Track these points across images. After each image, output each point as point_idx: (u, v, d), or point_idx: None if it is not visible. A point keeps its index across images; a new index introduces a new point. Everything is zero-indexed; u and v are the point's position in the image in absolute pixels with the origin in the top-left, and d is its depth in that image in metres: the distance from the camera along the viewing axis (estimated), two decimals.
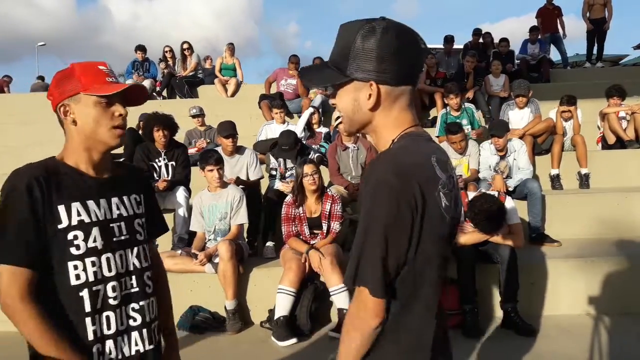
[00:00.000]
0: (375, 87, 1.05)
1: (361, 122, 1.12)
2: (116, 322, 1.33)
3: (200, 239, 4.06)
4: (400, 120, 1.09)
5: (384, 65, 1.03)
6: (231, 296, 3.64)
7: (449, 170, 1.07)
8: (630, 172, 5.46)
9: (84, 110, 1.31)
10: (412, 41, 1.06)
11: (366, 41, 1.03)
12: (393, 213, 0.97)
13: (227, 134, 4.65)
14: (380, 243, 0.98)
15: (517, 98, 5.83)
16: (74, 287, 1.27)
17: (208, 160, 3.96)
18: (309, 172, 3.76)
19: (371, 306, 1.01)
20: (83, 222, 1.29)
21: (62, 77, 1.34)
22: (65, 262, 1.26)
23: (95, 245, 1.30)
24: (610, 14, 9.80)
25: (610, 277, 3.74)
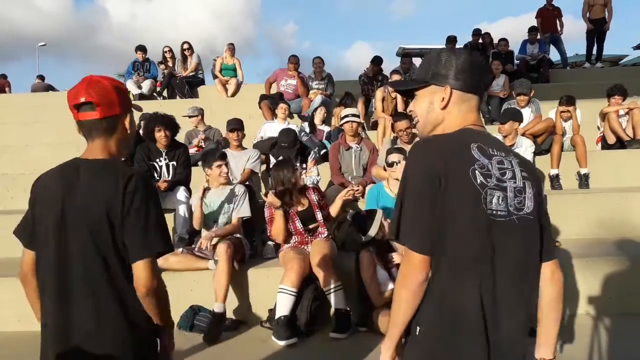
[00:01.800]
0: (449, 90, 1.31)
1: (433, 122, 1.36)
2: None
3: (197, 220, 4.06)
4: (464, 120, 1.33)
5: (458, 75, 1.31)
6: (221, 299, 3.56)
7: (493, 158, 1.27)
8: (629, 172, 5.47)
9: (131, 120, 1.61)
10: (481, 63, 1.36)
11: (444, 58, 1.33)
12: (420, 179, 1.23)
13: (231, 128, 4.82)
14: (417, 203, 1.22)
15: (519, 97, 5.84)
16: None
17: (215, 156, 4.03)
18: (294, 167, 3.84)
19: (414, 262, 1.21)
20: None
21: (123, 92, 1.59)
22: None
23: None
24: (610, 14, 9.81)
25: (610, 277, 3.74)
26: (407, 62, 8.34)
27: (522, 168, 1.30)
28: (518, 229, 1.25)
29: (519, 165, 1.30)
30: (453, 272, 1.21)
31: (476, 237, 1.21)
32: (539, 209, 1.31)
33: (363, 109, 7.04)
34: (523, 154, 4.66)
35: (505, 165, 1.27)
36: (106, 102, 1.49)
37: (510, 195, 1.25)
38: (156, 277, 1.49)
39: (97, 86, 1.49)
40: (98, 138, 1.53)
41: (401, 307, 1.24)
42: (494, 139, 1.35)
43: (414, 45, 16.58)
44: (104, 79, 1.53)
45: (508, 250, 1.24)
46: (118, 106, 1.52)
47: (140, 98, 8.88)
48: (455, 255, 1.21)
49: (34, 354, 1.53)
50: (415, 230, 1.21)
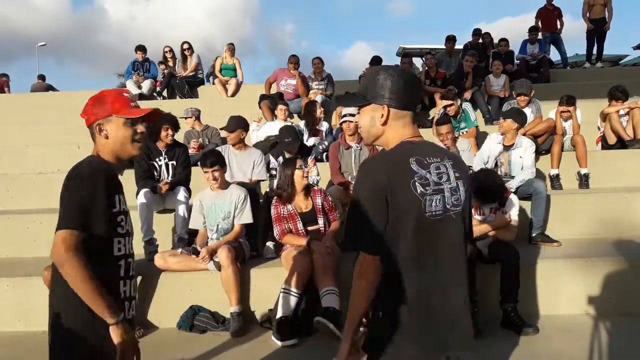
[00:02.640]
0: (386, 108, 1.52)
1: (375, 135, 1.58)
2: (131, 289, 1.76)
3: (202, 236, 4.07)
4: (402, 134, 1.54)
5: (392, 95, 1.51)
6: (235, 302, 3.65)
7: (430, 166, 1.49)
8: (629, 172, 5.47)
9: (115, 128, 1.73)
10: (412, 83, 1.56)
11: (381, 79, 1.53)
12: (367, 192, 1.45)
13: (231, 129, 4.71)
14: (365, 212, 1.43)
15: (519, 97, 5.84)
16: (116, 257, 1.69)
17: (205, 162, 4.00)
18: (300, 164, 3.84)
19: (368, 261, 1.46)
20: (124, 210, 1.73)
21: (97, 101, 1.75)
22: (113, 238, 1.68)
23: (128, 229, 1.75)
24: (610, 14, 9.81)
25: (610, 277, 3.74)
26: (407, 62, 8.34)
27: (455, 169, 1.54)
28: (455, 221, 1.52)
29: (452, 167, 1.54)
30: (406, 266, 1.45)
31: (420, 236, 1.45)
32: (469, 202, 1.61)
33: None
34: (523, 154, 4.67)
35: (442, 170, 1.51)
36: (85, 112, 1.76)
37: (447, 194, 1.49)
38: (67, 251, 1.55)
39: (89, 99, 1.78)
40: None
41: (360, 296, 1.50)
42: (429, 147, 1.57)
43: (414, 45, 16.59)
44: (102, 91, 1.80)
45: (448, 240, 1.50)
46: (89, 115, 1.74)
47: (140, 98, 8.88)
48: (406, 252, 1.44)
49: (34, 354, 1.53)
50: (365, 235, 1.44)
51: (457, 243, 1.53)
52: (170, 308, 3.84)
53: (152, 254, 4.13)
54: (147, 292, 3.86)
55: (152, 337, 3.65)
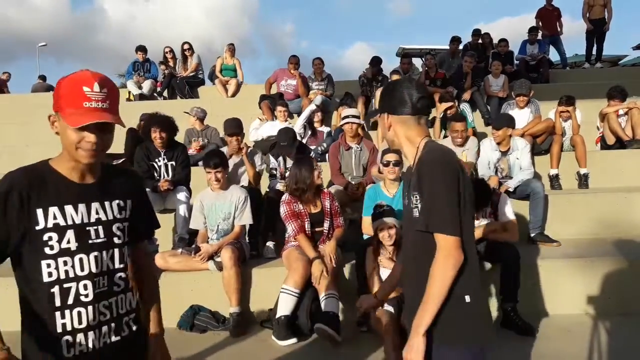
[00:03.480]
0: (386, 116, 1.73)
1: (391, 140, 1.77)
2: (87, 317, 1.43)
3: (202, 237, 4.07)
4: (415, 134, 1.70)
5: (394, 102, 1.71)
6: (235, 303, 3.66)
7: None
8: (629, 172, 5.47)
9: (61, 127, 1.41)
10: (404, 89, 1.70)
11: (384, 92, 1.77)
12: (449, 179, 1.54)
13: (230, 132, 4.65)
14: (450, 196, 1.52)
15: (518, 97, 5.84)
16: (46, 283, 1.39)
17: (208, 163, 3.99)
18: (315, 166, 3.83)
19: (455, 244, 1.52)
20: (58, 225, 1.40)
21: (56, 88, 1.42)
22: (39, 260, 1.38)
23: (68, 247, 1.40)
24: (610, 14, 9.81)
25: (610, 277, 3.74)
26: (407, 62, 8.34)
27: None
28: None
29: None
30: (471, 252, 1.58)
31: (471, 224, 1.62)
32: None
33: (363, 109, 7.04)
34: (521, 155, 4.68)
35: None
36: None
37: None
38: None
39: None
40: None
41: (445, 284, 1.51)
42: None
43: (414, 46, 16.60)
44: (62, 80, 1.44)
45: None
46: (54, 101, 1.43)
47: (140, 98, 8.88)
48: (469, 237, 1.58)
49: None
50: (453, 218, 1.52)
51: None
52: (171, 308, 3.83)
53: (152, 254, 4.13)
54: None
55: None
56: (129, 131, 5.56)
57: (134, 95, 8.97)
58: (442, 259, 1.51)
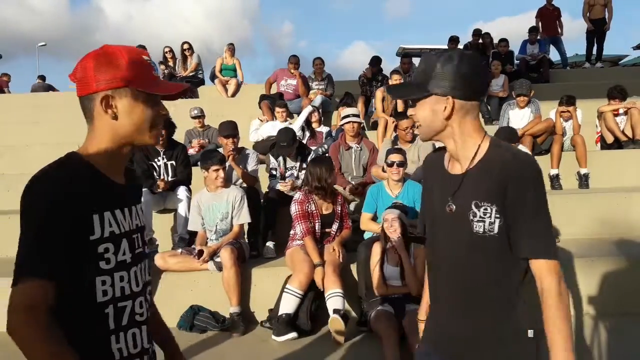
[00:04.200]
0: (451, 100, 1.31)
1: (436, 129, 1.37)
2: (141, 339, 1.22)
3: (201, 238, 4.06)
4: (477, 128, 1.36)
5: (462, 84, 1.30)
6: (235, 303, 3.66)
7: None
8: (629, 172, 5.47)
9: (130, 106, 1.16)
10: (480, 67, 1.34)
11: (445, 66, 1.31)
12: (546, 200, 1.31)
13: (226, 134, 4.60)
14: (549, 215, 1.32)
15: (518, 97, 5.84)
16: (100, 304, 1.14)
17: (212, 160, 3.98)
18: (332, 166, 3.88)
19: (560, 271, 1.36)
20: (114, 234, 1.16)
21: (102, 60, 1.14)
22: (94, 277, 1.12)
23: (124, 259, 1.18)
24: (610, 14, 9.81)
25: (610, 277, 3.74)
26: (407, 62, 8.34)
27: None
28: None
29: None
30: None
31: None
32: None
33: (363, 109, 7.04)
34: None
35: None
36: (82, 75, 1.16)
37: None
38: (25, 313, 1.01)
39: (87, 56, 1.18)
40: (87, 124, 1.20)
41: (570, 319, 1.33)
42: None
43: (414, 45, 16.61)
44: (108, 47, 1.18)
45: None
46: (90, 80, 1.14)
47: None
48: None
49: None
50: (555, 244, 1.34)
51: None
52: (170, 308, 3.83)
53: (152, 254, 4.13)
54: None
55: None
56: None
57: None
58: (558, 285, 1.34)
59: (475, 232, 1.31)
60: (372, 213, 4.07)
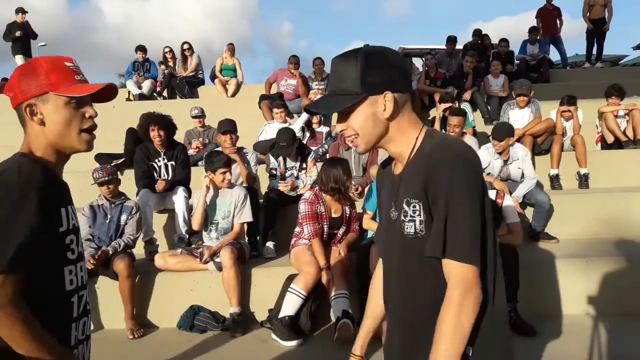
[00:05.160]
0: (390, 96, 1.16)
1: (379, 135, 1.20)
2: (85, 328, 1.31)
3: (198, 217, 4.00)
4: (413, 121, 1.22)
5: (393, 76, 1.17)
6: (235, 303, 3.66)
7: None
8: (629, 172, 5.47)
9: (53, 111, 1.22)
10: (398, 54, 1.22)
11: (369, 62, 1.15)
12: (473, 190, 1.11)
13: (224, 130, 4.61)
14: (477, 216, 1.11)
15: (518, 98, 5.83)
16: (68, 292, 1.23)
17: (219, 163, 3.95)
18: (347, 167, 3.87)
19: (475, 278, 1.12)
20: (75, 226, 1.26)
21: (25, 72, 1.23)
22: (62, 266, 1.21)
23: (81, 251, 1.28)
24: (610, 14, 9.81)
25: (610, 277, 3.74)
26: (408, 63, 8.35)
27: None
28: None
29: None
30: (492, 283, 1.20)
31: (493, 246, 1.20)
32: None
33: None
34: (522, 165, 4.60)
35: None
36: (10, 88, 1.25)
37: None
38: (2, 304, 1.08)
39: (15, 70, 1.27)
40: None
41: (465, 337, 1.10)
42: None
43: (414, 46, 16.58)
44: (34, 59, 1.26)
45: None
46: (16, 92, 1.23)
47: (140, 98, 8.88)
48: (486, 265, 1.17)
49: None
50: (475, 243, 1.11)
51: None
52: (170, 308, 3.84)
53: (152, 254, 4.13)
54: (147, 292, 3.86)
55: (152, 337, 3.65)
56: (128, 131, 5.56)
57: (133, 95, 8.97)
58: (460, 297, 1.10)
59: (406, 233, 1.16)
60: (373, 211, 4.07)
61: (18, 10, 9.95)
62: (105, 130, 6.78)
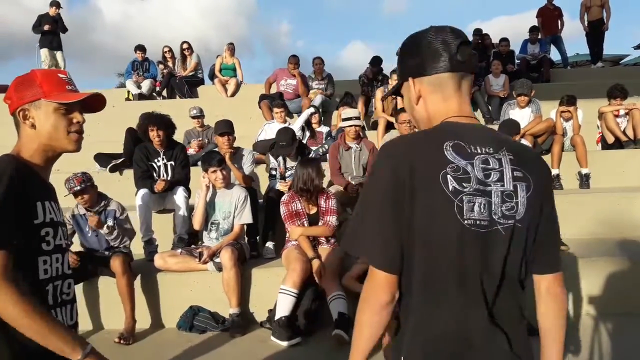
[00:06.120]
0: (411, 82, 1.15)
1: (419, 119, 1.20)
2: (67, 317, 1.42)
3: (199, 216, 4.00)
4: (444, 111, 1.13)
5: (413, 61, 1.14)
6: (235, 303, 3.65)
7: (475, 157, 1.08)
8: (630, 172, 5.46)
9: (44, 116, 1.38)
10: (431, 37, 1.12)
11: (402, 49, 1.19)
12: (383, 185, 1.05)
13: (221, 132, 4.59)
14: (379, 213, 1.05)
15: (519, 97, 5.83)
16: (42, 281, 1.34)
17: (210, 162, 3.96)
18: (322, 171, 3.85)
19: (378, 280, 1.06)
20: (53, 220, 1.37)
21: (22, 82, 1.40)
22: (36, 256, 1.32)
23: (60, 243, 1.40)
24: (608, 14, 9.81)
25: (610, 277, 3.73)
26: None
27: (515, 167, 1.10)
28: (503, 241, 1.07)
29: (511, 164, 1.10)
30: (425, 296, 1.06)
31: (449, 254, 1.04)
32: (535, 214, 1.14)
33: (363, 109, 7.04)
34: None
35: (491, 165, 1.08)
36: (8, 96, 1.42)
37: (496, 200, 1.07)
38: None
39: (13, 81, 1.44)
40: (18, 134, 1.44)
41: (363, 332, 1.10)
42: (481, 132, 1.14)
43: None
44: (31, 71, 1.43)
45: (491, 267, 1.07)
46: (13, 99, 1.40)
47: (139, 98, 8.87)
48: (425, 276, 1.05)
49: None
50: (377, 244, 1.05)
51: (507, 273, 1.10)
52: (170, 308, 3.83)
53: (151, 254, 4.13)
54: (147, 292, 3.86)
55: (152, 337, 3.65)
56: (127, 131, 5.56)
57: (133, 95, 8.96)
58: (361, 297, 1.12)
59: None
60: None
61: (52, 4, 9.73)
62: (105, 130, 6.82)
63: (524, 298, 1.21)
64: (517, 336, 1.16)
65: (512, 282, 1.13)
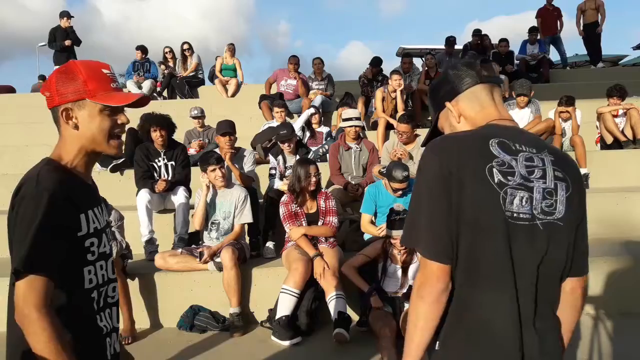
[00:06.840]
0: (449, 105, 1.26)
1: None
2: (109, 322, 1.40)
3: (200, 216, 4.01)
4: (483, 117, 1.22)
5: (444, 88, 1.27)
6: (235, 303, 3.65)
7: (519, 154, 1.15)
8: (629, 172, 5.47)
9: (88, 117, 1.30)
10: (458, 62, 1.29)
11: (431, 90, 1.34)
12: (432, 179, 1.12)
13: (223, 132, 4.60)
14: (429, 206, 1.12)
15: (518, 97, 5.84)
16: (87, 289, 1.30)
17: (209, 161, 3.97)
18: (313, 173, 3.79)
19: (432, 271, 1.10)
20: (97, 229, 1.32)
21: (64, 76, 1.29)
22: (82, 267, 1.29)
23: (104, 250, 1.36)
24: (603, 17, 9.83)
25: (610, 277, 3.74)
26: (408, 62, 8.33)
27: (556, 167, 1.16)
28: (542, 236, 1.12)
29: (552, 164, 1.16)
30: (470, 282, 1.11)
31: (494, 243, 1.09)
32: (573, 215, 1.18)
33: (363, 109, 7.04)
34: None
35: (535, 163, 1.15)
36: (48, 88, 1.31)
37: (537, 196, 1.12)
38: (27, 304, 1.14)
39: (53, 72, 1.35)
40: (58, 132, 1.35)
41: (418, 324, 1.11)
42: (524, 134, 1.23)
43: (414, 46, 16.59)
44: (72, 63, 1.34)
45: (529, 260, 1.12)
46: (54, 95, 1.30)
47: None
48: (470, 264, 1.10)
49: None
50: (432, 235, 1.11)
51: (543, 269, 1.14)
52: (170, 308, 3.84)
53: (152, 254, 4.13)
54: (147, 292, 3.86)
55: (152, 337, 3.65)
56: (128, 131, 5.56)
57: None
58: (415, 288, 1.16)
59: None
60: (371, 214, 4.07)
61: (63, 15, 9.24)
62: None
63: (557, 294, 1.25)
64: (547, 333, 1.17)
65: (547, 278, 1.17)
